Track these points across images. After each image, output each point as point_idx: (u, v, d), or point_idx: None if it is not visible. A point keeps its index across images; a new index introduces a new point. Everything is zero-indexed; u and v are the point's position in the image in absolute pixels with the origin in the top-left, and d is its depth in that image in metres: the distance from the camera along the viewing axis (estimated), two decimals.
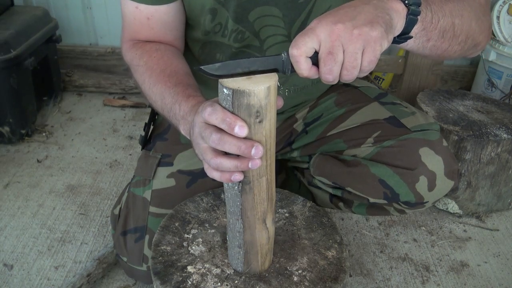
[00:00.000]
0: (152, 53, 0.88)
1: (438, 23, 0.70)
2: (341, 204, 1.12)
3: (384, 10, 0.63)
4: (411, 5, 0.65)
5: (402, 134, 0.98)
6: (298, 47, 0.60)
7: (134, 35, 0.92)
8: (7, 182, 1.47)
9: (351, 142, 1.04)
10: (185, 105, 0.75)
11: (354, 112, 1.07)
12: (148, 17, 0.89)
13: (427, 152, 0.95)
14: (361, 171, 0.99)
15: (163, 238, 0.84)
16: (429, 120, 1.03)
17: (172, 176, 1.00)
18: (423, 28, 0.69)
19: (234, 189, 0.67)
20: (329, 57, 0.59)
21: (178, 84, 0.80)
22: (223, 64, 0.60)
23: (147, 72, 0.85)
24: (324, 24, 0.60)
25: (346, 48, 0.59)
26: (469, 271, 1.23)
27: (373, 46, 0.60)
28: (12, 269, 1.16)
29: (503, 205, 1.44)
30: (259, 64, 0.61)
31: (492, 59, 1.76)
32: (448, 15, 0.71)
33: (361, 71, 0.62)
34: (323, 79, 0.62)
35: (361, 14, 0.61)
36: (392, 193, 0.97)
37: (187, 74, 0.86)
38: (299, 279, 0.76)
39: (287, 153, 1.17)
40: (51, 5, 1.91)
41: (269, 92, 0.59)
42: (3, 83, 1.52)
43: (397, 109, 1.05)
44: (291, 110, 1.11)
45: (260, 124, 0.60)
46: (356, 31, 0.59)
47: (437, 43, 0.72)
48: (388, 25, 0.62)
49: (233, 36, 0.92)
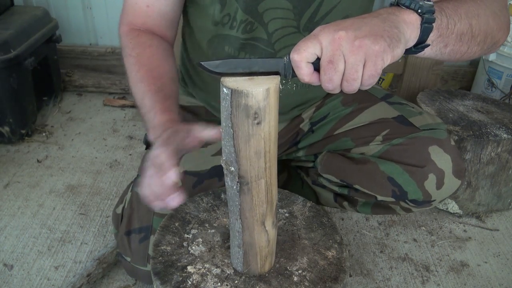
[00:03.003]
0: (145, 48, 0.90)
1: (455, 27, 0.69)
2: (345, 203, 1.12)
3: (393, 24, 0.62)
4: (425, 14, 0.63)
5: (411, 133, 0.99)
6: (299, 52, 0.59)
7: (131, 19, 0.94)
8: (7, 182, 1.47)
9: (359, 140, 1.04)
10: (159, 117, 0.79)
11: (362, 111, 1.07)
12: (147, 4, 0.92)
13: (437, 150, 0.95)
14: (370, 168, 0.99)
15: (163, 238, 0.84)
16: (436, 120, 1.04)
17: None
18: (440, 35, 0.67)
19: (233, 189, 0.67)
20: (330, 66, 0.59)
21: (160, 91, 0.84)
22: (224, 62, 0.60)
23: (136, 66, 0.89)
24: (327, 31, 0.59)
25: (347, 59, 0.59)
26: (469, 271, 1.23)
27: (374, 60, 0.59)
28: (12, 269, 1.16)
29: (503, 205, 1.44)
30: (260, 65, 0.61)
31: (492, 59, 1.76)
32: (464, 17, 0.70)
33: (362, 84, 0.61)
34: (323, 87, 0.62)
35: (367, 25, 0.60)
36: (401, 191, 0.97)
37: (173, 80, 0.89)
38: (299, 279, 0.76)
39: (292, 153, 1.17)
40: (51, 5, 1.91)
41: (268, 94, 0.58)
42: (3, 83, 1.52)
43: (405, 108, 1.06)
44: (298, 109, 1.11)
45: (259, 126, 0.60)
46: (358, 42, 0.58)
47: (455, 47, 0.71)
48: (394, 39, 0.60)
49: (241, 27, 0.93)
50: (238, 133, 0.61)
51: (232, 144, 0.62)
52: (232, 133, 0.61)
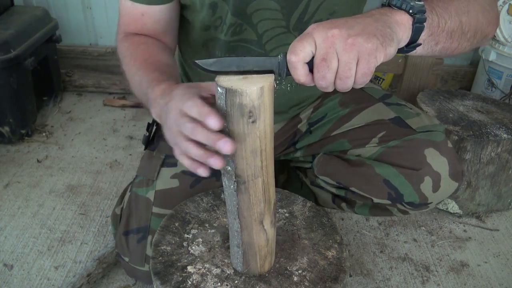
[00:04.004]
0: (139, 45, 0.91)
1: (445, 25, 0.69)
2: (343, 204, 1.12)
3: (386, 24, 0.62)
4: (416, 14, 0.64)
5: (407, 135, 0.98)
6: (296, 53, 0.59)
7: (127, 28, 0.94)
8: (7, 182, 1.47)
9: (355, 142, 1.04)
10: (157, 89, 0.75)
11: (359, 112, 1.06)
12: (142, 13, 0.92)
13: (432, 153, 0.95)
14: (366, 171, 0.99)
15: (163, 238, 0.84)
16: (434, 121, 1.03)
17: (176, 176, 1.00)
18: (431, 34, 0.68)
19: (230, 188, 0.67)
20: (323, 64, 0.59)
21: (155, 71, 0.82)
22: (218, 60, 0.60)
23: (131, 62, 0.88)
24: (321, 29, 0.60)
25: (341, 57, 0.59)
26: (469, 271, 1.23)
27: (367, 58, 0.59)
28: (12, 269, 1.16)
29: (503, 205, 1.44)
30: (254, 64, 0.61)
31: (492, 59, 1.76)
32: (454, 15, 0.71)
33: (355, 83, 0.62)
34: (317, 86, 0.62)
35: (360, 25, 0.61)
36: (397, 193, 0.97)
37: (169, 65, 0.88)
38: (299, 279, 0.76)
39: (290, 153, 1.17)
40: (51, 5, 1.91)
41: (263, 93, 0.59)
42: (3, 83, 1.52)
43: (402, 110, 1.05)
44: (295, 109, 1.11)
45: (254, 125, 0.60)
46: (351, 40, 0.59)
47: (446, 44, 0.72)
48: (387, 38, 0.61)
49: (231, 31, 0.93)
50: (234, 132, 0.61)
51: None
52: (227, 132, 0.61)
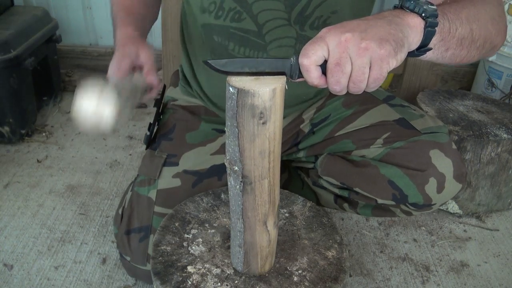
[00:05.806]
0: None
1: (456, 32, 0.69)
2: (345, 205, 1.11)
3: (398, 27, 0.62)
4: (428, 18, 0.64)
5: (412, 136, 0.98)
6: (308, 56, 0.59)
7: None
8: (7, 182, 1.47)
9: (360, 143, 1.03)
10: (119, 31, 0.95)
11: (363, 113, 1.06)
12: None
13: (437, 154, 0.95)
14: (371, 171, 0.99)
15: (163, 238, 0.84)
16: (438, 123, 1.03)
17: (177, 176, 1.01)
18: (442, 39, 0.68)
19: (236, 188, 0.67)
20: (337, 69, 0.59)
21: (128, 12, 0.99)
22: (230, 61, 0.60)
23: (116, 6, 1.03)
24: (334, 34, 0.59)
25: (354, 61, 0.59)
26: (469, 271, 1.23)
27: (379, 63, 0.59)
28: (12, 269, 1.16)
29: (503, 205, 1.44)
30: (266, 66, 0.61)
31: (492, 59, 1.76)
32: (465, 22, 0.70)
33: (367, 87, 0.61)
34: (331, 90, 0.62)
35: (373, 28, 0.60)
36: (401, 194, 0.97)
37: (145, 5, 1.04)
38: (299, 279, 0.76)
39: (292, 154, 1.17)
40: (51, 5, 1.91)
41: (274, 95, 0.59)
42: (3, 83, 1.51)
43: (406, 111, 1.05)
44: (297, 107, 1.11)
45: (264, 126, 0.60)
46: (364, 44, 0.58)
47: (456, 51, 0.71)
48: (399, 43, 0.61)
49: (230, 16, 0.93)
50: (243, 133, 0.61)
51: (237, 143, 0.62)
52: (237, 132, 0.61)
